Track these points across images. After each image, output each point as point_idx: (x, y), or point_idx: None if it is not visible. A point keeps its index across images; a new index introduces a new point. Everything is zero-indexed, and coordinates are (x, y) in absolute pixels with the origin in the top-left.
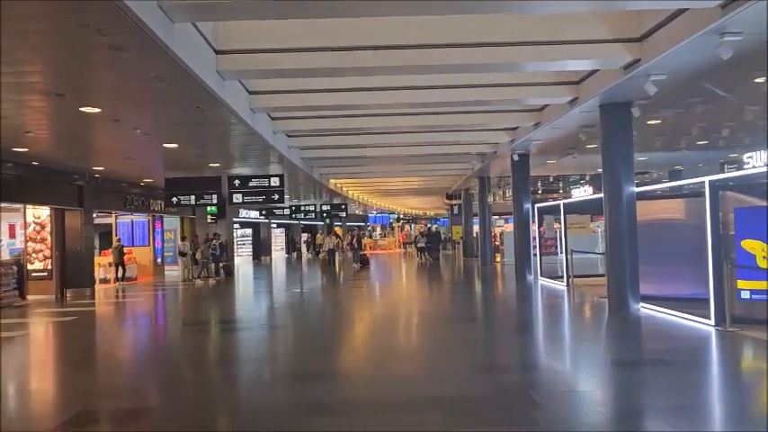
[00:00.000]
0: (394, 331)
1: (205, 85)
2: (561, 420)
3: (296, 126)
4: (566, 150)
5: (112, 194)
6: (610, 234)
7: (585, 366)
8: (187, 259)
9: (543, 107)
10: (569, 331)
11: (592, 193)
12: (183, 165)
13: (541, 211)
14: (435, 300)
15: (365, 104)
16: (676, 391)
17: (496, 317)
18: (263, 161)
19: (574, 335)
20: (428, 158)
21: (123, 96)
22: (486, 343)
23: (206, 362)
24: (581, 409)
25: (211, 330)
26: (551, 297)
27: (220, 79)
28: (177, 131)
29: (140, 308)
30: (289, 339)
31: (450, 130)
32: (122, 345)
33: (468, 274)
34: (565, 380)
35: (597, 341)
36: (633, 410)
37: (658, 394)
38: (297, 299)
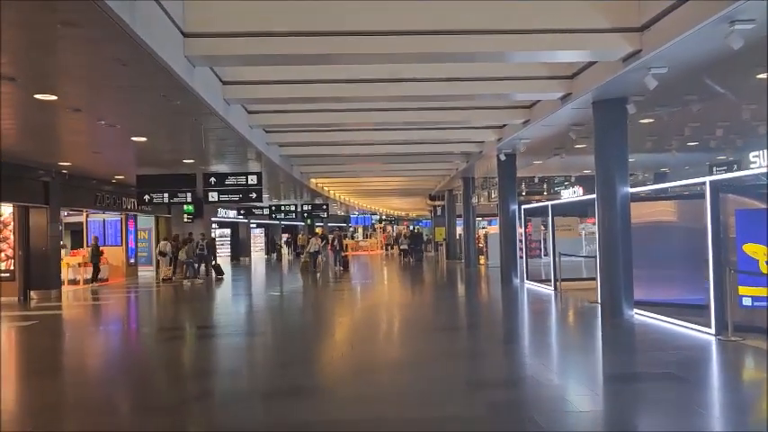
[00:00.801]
0: (377, 341)
1: (172, 70)
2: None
3: (274, 121)
4: (553, 150)
5: (81, 192)
6: (603, 236)
7: (588, 382)
8: (166, 260)
9: (533, 104)
10: (563, 341)
11: (582, 194)
12: (156, 161)
13: (528, 213)
14: (419, 306)
15: (346, 97)
16: (693, 411)
17: (485, 324)
18: (240, 158)
19: (569, 345)
20: (411, 158)
21: (81, 82)
22: (475, 354)
23: (176, 374)
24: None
25: (185, 338)
26: (540, 302)
27: (189, 65)
28: (145, 123)
29: (108, 312)
30: (265, 348)
31: (434, 127)
32: (83, 354)
33: (452, 277)
34: (567, 398)
35: (595, 352)
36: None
37: (675, 416)
38: (276, 303)
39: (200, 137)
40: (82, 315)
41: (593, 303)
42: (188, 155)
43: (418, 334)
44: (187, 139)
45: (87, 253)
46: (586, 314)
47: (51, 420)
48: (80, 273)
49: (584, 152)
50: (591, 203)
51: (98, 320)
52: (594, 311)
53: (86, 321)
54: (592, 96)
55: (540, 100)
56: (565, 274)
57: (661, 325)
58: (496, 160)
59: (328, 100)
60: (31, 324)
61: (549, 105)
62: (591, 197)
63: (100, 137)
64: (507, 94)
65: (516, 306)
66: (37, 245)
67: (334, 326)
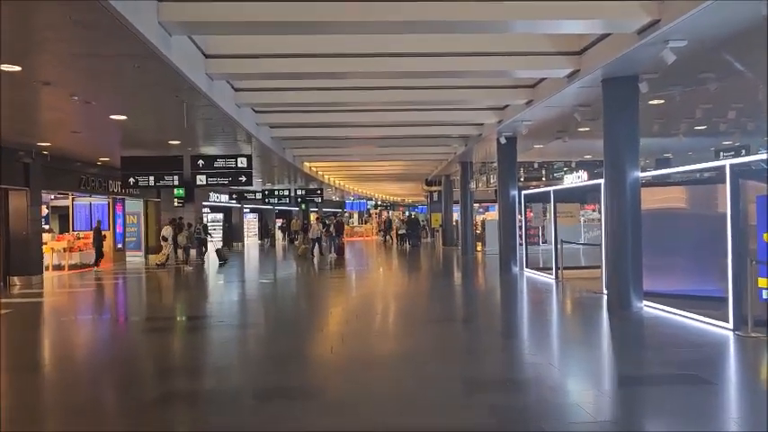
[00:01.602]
0: (369, 335)
1: (143, 37)
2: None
3: (263, 99)
4: (555, 134)
5: (65, 174)
6: (611, 223)
7: (601, 384)
8: (168, 245)
9: (537, 83)
10: (569, 335)
11: (587, 179)
12: (140, 142)
13: (528, 199)
14: (415, 295)
15: (337, 72)
16: (726, 421)
17: (483, 316)
18: (229, 140)
19: (576, 340)
20: (407, 141)
21: (43, 50)
22: (474, 350)
23: (152, 371)
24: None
25: (170, 329)
26: (541, 292)
27: (164, 33)
28: (122, 100)
29: (90, 300)
30: (252, 341)
31: (431, 107)
32: (56, 347)
33: (449, 264)
34: (580, 404)
35: (605, 349)
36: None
37: (707, 426)
38: (267, 291)
39: (182, 115)
40: (62, 303)
41: (598, 293)
42: (173, 136)
43: (413, 326)
44: (170, 118)
45: (91, 236)
46: (591, 305)
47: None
48: (65, 258)
49: (588, 136)
50: (594, 189)
51: (78, 309)
52: (600, 302)
53: (66, 310)
54: (601, 74)
55: (545, 78)
56: (563, 262)
57: (673, 318)
58: (496, 144)
59: (318, 75)
60: (6, 313)
61: (555, 84)
62: (597, 182)
63: (76, 115)
64: (509, 71)
65: (516, 296)
66: (17, 229)
67: (324, 316)
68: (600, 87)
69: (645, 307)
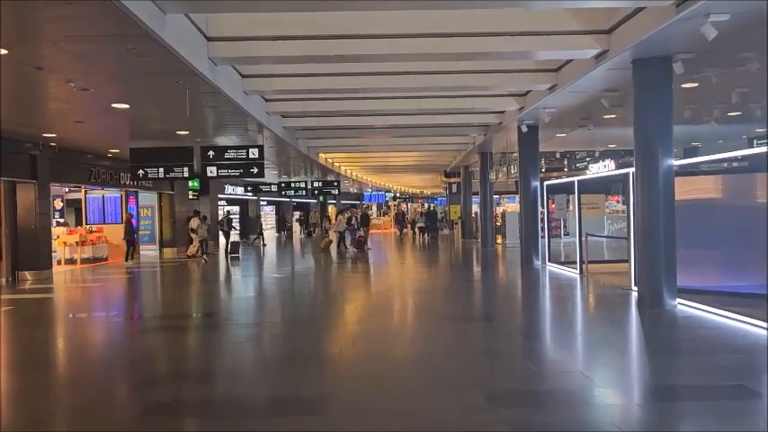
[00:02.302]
0: (383, 334)
1: (132, 14)
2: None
3: (272, 86)
4: (579, 121)
5: (74, 166)
6: (642, 215)
7: (641, 397)
8: (197, 237)
9: (561, 66)
10: (599, 338)
11: (614, 169)
12: (148, 132)
13: (551, 190)
14: (435, 291)
15: (351, 55)
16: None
17: (507, 315)
18: (239, 130)
19: (608, 343)
20: (426, 130)
21: (29, 31)
22: (497, 354)
23: (152, 376)
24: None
25: (180, 327)
26: (565, 288)
27: (158, 12)
28: (121, 87)
29: (99, 296)
30: (264, 341)
31: (450, 95)
32: (51, 348)
33: (469, 258)
34: (620, 423)
35: (640, 353)
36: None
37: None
38: (282, 286)
39: (185, 103)
40: (69, 299)
41: (626, 290)
42: (181, 126)
43: (430, 326)
44: (174, 106)
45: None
46: (620, 303)
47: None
48: (77, 252)
49: (613, 123)
50: (621, 179)
51: (84, 306)
52: (629, 300)
53: (71, 307)
54: (632, 54)
55: (571, 60)
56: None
57: (710, 318)
58: (517, 132)
59: (330, 59)
60: (8, 310)
61: (581, 66)
62: (625, 171)
63: (77, 103)
64: (531, 52)
65: (539, 292)
66: (25, 223)
67: (337, 314)
68: (630, 69)
69: (678, 305)
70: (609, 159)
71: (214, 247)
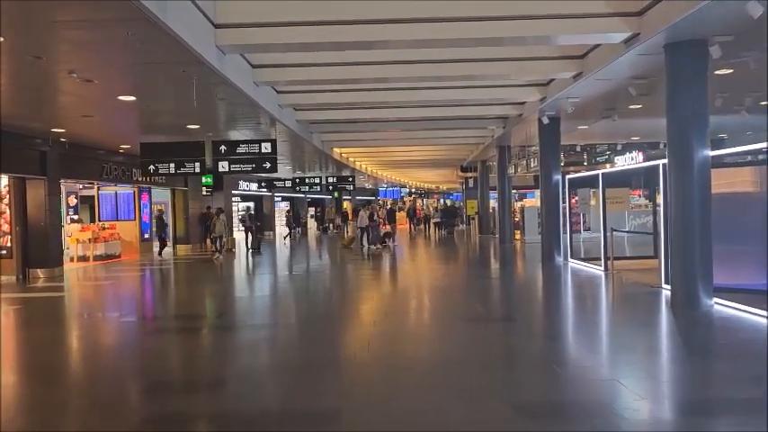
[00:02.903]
0: (399, 337)
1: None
2: None
3: (284, 76)
4: (603, 112)
5: (85, 162)
6: (676, 209)
7: (688, 410)
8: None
9: (587, 52)
10: (635, 341)
11: (642, 161)
12: (158, 126)
13: (573, 184)
14: (455, 290)
15: (365, 41)
16: None
17: (531, 315)
18: (250, 123)
19: (644, 347)
20: (443, 123)
21: (24, 16)
22: (526, 361)
23: (160, 384)
24: None
25: (188, 329)
26: (591, 286)
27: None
28: (126, 77)
29: (108, 294)
30: (277, 345)
31: (468, 85)
32: (58, 351)
33: (488, 255)
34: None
35: (680, 359)
36: None
37: None
38: (299, 284)
39: (191, 94)
40: (78, 298)
41: (656, 287)
42: (191, 119)
43: (452, 327)
44: (182, 98)
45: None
46: (651, 303)
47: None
48: (90, 249)
49: (636, 114)
50: (649, 172)
51: (92, 305)
52: (660, 298)
53: (79, 306)
54: (665, 37)
55: (598, 46)
56: (599, 253)
57: (750, 319)
58: (538, 124)
59: (345, 46)
60: (13, 309)
61: (609, 52)
62: (655, 163)
63: (82, 96)
64: (555, 36)
65: (564, 291)
66: (35, 220)
67: (354, 314)
68: (661, 55)
69: (715, 305)
70: (637, 151)
71: (231, 243)
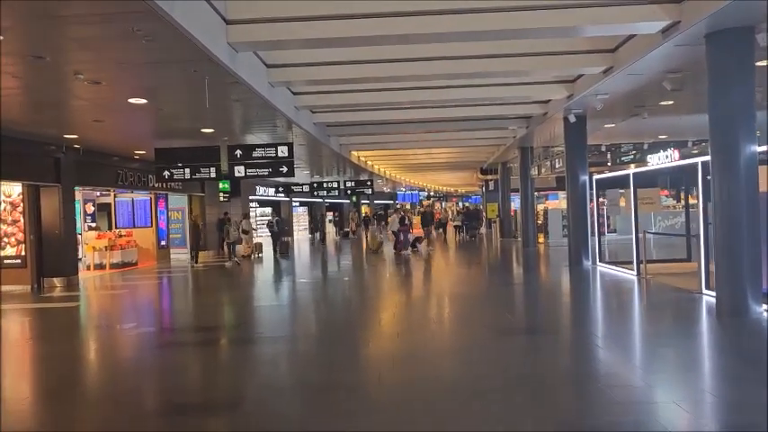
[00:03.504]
0: (426, 352)
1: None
2: None
3: (300, 76)
4: (632, 109)
5: (100, 169)
6: (721, 210)
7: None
8: (248, 238)
9: (618, 45)
10: (686, 355)
11: (677, 159)
12: (171, 131)
13: (601, 185)
14: (484, 298)
15: (380, 36)
16: None
17: (568, 326)
18: (266, 126)
19: (697, 361)
20: (463, 124)
21: (18, 11)
22: (571, 377)
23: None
24: None
25: (202, 343)
26: (626, 292)
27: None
28: (134, 78)
29: (122, 304)
30: (292, 360)
31: (489, 83)
32: (64, 366)
33: (513, 259)
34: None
35: (741, 375)
36: None
37: None
38: (324, 291)
39: (204, 95)
40: (92, 308)
41: (695, 293)
42: (205, 123)
43: (484, 341)
44: (194, 100)
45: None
46: (694, 310)
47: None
48: (106, 257)
49: (668, 111)
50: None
51: (107, 316)
52: (700, 305)
53: (92, 317)
54: (707, 26)
55: (632, 37)
56: (628, 255)
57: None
58: (563, 123)
59: (357, 41)
60: (27, 321)
61: (644, 43)
62: (694, 161)
63: (91, 99)
64: (584, 27)
65: (598, 298)
66: (50, 228)
67: (375, 326)
68: (701, 45)
69: (765, 312)
70: (672, 149)
71: (246, 248)
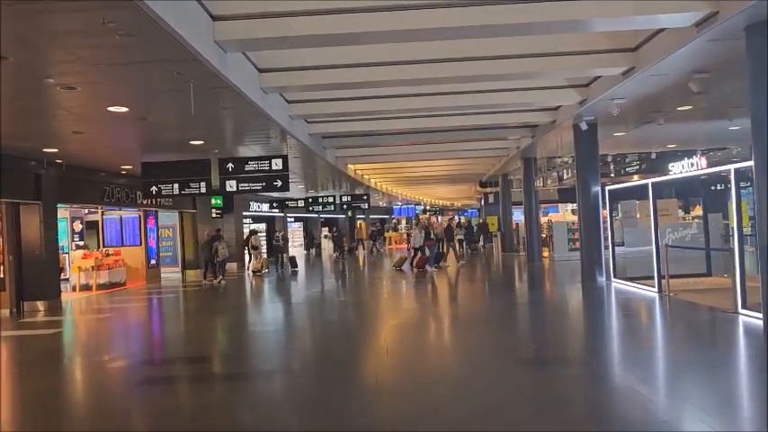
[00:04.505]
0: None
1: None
2: None
3: (296, 81)
4: (648, 116)
5: (85, 185)
6: (765, 220)
7: None
8: (257, 253)
9: (641, 43)
10: (742, 387)
11: (704, 167)
12: (158, 143)
13: (613, 196)
14: (501, 320)
15: (377, 33)
16: None
17: (597, 354)
18: (259, 137)
19: (759, 396)
20: (464, 134)
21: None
22: (622, 422)
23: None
24: None
25: (186, 379)
26: (651, 312)
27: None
28: (112, 82)
29: (104, 331)
30: (284, 391)
31: (495, 88)
32: (26, 409)
33: (521, 275)
34: None
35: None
36: None
37: None
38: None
39: (189, 99)
40: (70, 336)
41: (730, 313)
42: (193, 134)
43: (509, 374)
44: (180, 108)
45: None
46: (734, 333)
47: None
48: (92, 277)
49: (685, 118)
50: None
51: (80, 347)
52: (737, 327)
53: (68, 347)
54: (747, 17)
55: (661, 31)
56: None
57: None
58: (573, 132)
59: (356, 38)
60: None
61: (672, 40)
62: (726, 168)
63: (67, 108)
64: (605, 19)
65: (622, 319)
66: (30, 248)
67: (382, 353)
68: (737, 40)
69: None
70: (699, 156)
71: (257, 264)
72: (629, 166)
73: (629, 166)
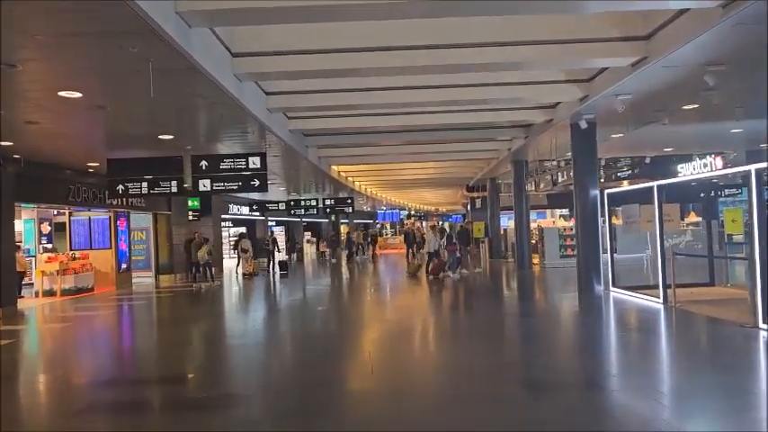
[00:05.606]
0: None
1: None
2: None
3: (270, 67)
4: (650, 115)
5: (47, 183)
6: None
7: None
8: (247, 256)
9: (655, 31)
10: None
11: (719, 168)
12: (124, 138)
13: (613, 200)
14: (500, 336)
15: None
16: None
17: (611, 378)
18: (234, 132)
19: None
20: (453, 134)
21: None
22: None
23: None
24: None
25: (160, 405)
26: (659, 326)
27: None
28: (57, 59)
29: (62, 343)
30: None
31: (486, 82)
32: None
33: (512, 284)
34: None
35: None
36: None
37: None
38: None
39: (148, 80)
40: (18, 349)
41: (749, 328)
42: (161, 127)
43: (517, 403)
44: (143, 94)
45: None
46: (758, 351)
47: None
48: (57, 282)
49: (689, 118)
50: None
51: (28, 362)
52: (759, 343)
53: (11, 364)
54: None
55: (682, 13)
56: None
57: None
58: (571, 131)
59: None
60: None
61: (693, 24)
62: (746, 169)
63: (12, 92)
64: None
65: (631, 334)
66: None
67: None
68: (762, 25)
69: None
70: (713, 156)
71: (248, 267)
72: (621, 171)
73: (620, 171)
